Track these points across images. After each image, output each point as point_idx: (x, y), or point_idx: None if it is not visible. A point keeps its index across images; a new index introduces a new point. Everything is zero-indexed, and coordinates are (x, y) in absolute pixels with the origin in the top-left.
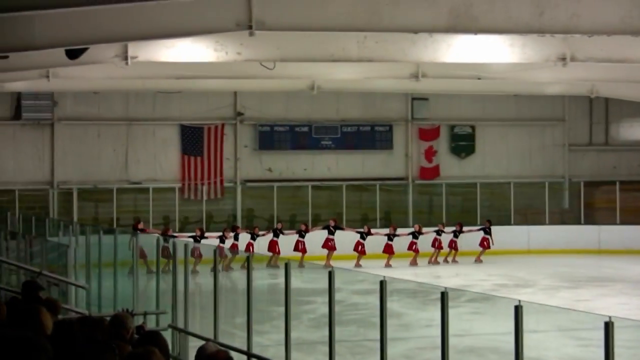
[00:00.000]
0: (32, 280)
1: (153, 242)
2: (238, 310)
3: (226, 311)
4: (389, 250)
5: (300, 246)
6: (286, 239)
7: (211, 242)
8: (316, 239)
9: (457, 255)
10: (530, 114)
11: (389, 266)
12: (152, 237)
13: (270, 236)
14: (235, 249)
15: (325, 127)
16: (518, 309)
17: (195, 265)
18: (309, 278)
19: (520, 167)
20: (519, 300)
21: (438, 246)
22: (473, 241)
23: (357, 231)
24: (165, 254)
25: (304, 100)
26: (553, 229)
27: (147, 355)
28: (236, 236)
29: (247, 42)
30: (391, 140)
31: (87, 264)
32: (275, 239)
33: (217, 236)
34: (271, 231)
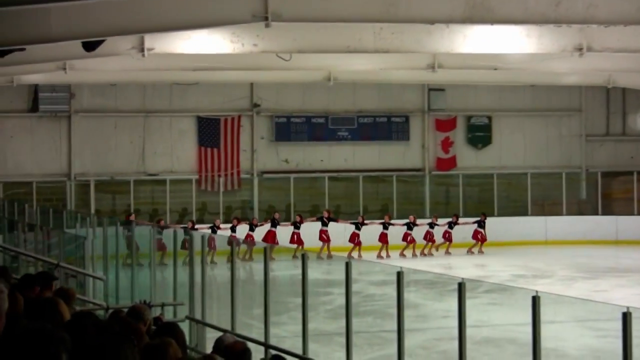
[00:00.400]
0: (45, 271)
1: (146, 234)
2: (255, 301)
3: (243, 302)
4: (384, 239)
5: (295, 238)
6: (281, 230)
7: (225, 234)
8: (314, 230)
9: (450, 247)
10: (547, 104)
11: (402, 256)
12: (145, 229)
13: (267, 227)
14: (250, 239)
15: (342, 119)
16: (535, 300)
17: (212, 257)
18: (326, 269)
19: (537, 158)
20: (536, 291)
21: (430, 239)
22: (468, 234)
23: (351, 222)
24: (186, 245)
25: (320, 92)
26: (570, 219)
27: (164, 347)
28: (251, 227)
29: (263, 34)
30: (408, 131)
31: (104, 255)
32: (273, 229)
33: (229, 227)
34: (269, 221)
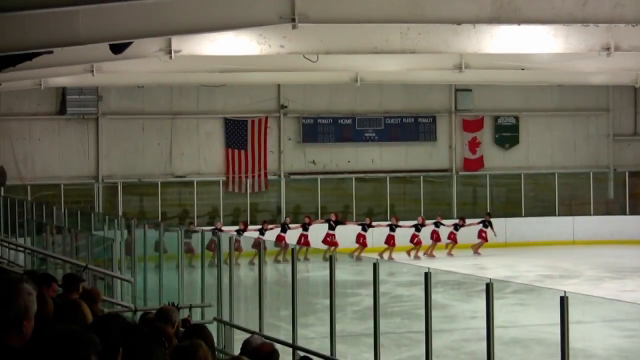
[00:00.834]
0: (72, 273)
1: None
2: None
3: (271, 304)
4: (390, 241)
5: (302, 240)
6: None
7: (252, 235)
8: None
9: (454, 248)
10: (574, 104)
11: (417, 258)
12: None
13: (277, 230)
14: (283, 241)
15: (369, 119)
16: (563, 300)
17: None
18: (354, 270)
19: (564, 158)
20: (564, 291)
21: (436, 238)
22: (474, 235)
23: (359, 223)
24: (212, 247)
25: (347, 93)
26: (598, 219)
27: (193, 349)
28: (283, 228)
29: (290, 35)
30: (435, 132)
31: (132, 257)
32: (283, 234)
33: (256, 229)
34: (279, 225)
